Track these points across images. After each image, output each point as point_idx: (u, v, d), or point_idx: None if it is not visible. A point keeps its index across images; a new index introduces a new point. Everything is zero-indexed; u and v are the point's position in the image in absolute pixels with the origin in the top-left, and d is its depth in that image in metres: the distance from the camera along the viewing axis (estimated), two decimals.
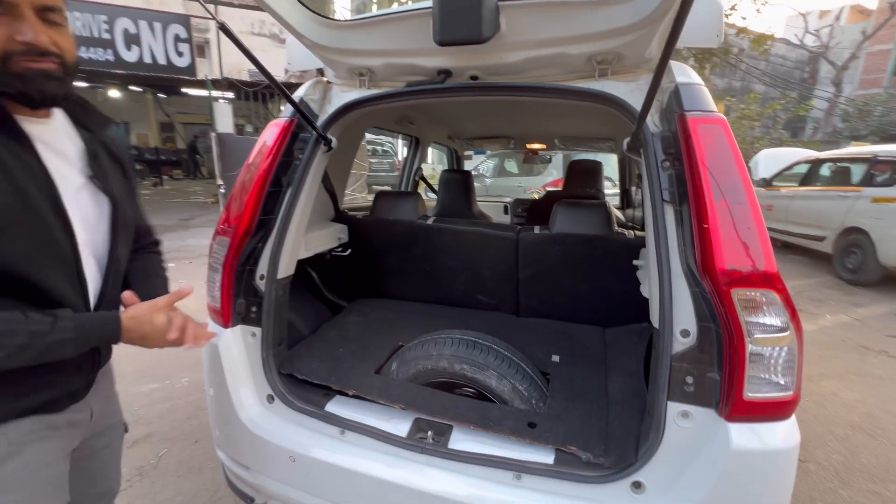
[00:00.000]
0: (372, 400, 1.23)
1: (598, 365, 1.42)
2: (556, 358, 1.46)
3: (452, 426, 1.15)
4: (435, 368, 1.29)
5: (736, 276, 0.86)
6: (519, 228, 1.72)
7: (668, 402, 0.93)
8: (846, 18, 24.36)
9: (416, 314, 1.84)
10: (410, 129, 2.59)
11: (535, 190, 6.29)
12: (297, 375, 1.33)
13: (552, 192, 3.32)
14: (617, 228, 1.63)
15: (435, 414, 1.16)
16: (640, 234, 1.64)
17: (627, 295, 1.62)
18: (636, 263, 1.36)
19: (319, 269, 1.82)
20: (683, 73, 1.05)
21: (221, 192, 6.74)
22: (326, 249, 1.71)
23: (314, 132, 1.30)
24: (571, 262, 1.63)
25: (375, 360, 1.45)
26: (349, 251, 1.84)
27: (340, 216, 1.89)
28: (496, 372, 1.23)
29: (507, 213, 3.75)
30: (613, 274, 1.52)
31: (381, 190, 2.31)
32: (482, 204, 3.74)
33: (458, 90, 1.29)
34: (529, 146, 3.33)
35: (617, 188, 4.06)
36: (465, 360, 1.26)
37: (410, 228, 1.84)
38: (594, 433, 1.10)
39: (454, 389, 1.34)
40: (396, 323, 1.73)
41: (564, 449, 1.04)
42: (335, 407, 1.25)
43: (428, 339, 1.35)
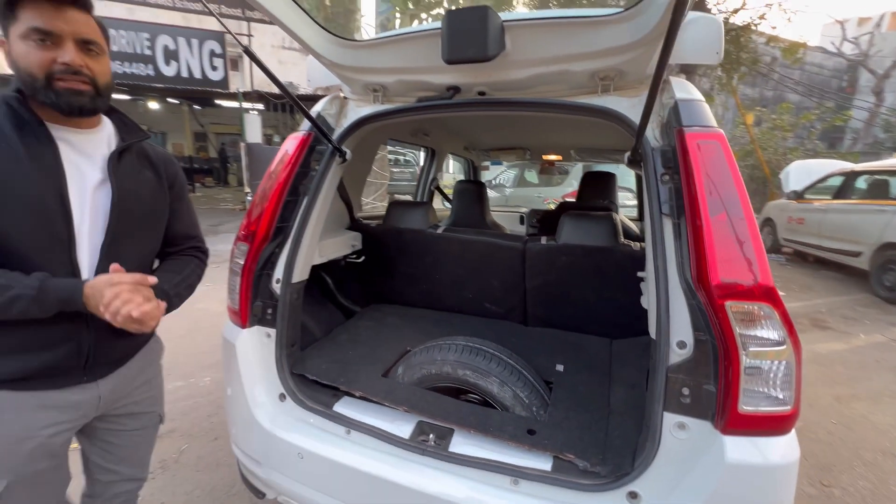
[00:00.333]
0: (377, 402, 1.27)
1: (602, 375, 1.42)
2: (560, 367, 1.47)
3: (454, 430, 1.18)
4: (439, 373, 1.32)
5: (730, 288, 0.86)
6: (526, 239, 1.75)
7: (664, 412, 0.93)
8: (887, 25, 23.34)
9: (425, 321, 1.88)
10: (426, 140, 2.67)
11: (551, 200, 6.27)
12: (307, 376, 1.38)
13: (565, 202, 3.32)
14: (623, 240, 1.64)
15: (437, 417, 1.20)
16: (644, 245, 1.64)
17: (634, 307, 1.61)
18: (640, 275, 1.37)
19: (334, 274, 1.90)
20: (683, 89, 1.07)
21: (248, 199, 6.99)
22: (340, 256, 1.78)
23: (330, 145, 1.38)
24: (578, 272, 1.64)
25: (383, 363, 1.50)
26: (363, 258, 1.91)
27: (355, 224, 1.97)
28: (498, 378, 1.25)
29: (522, 223, 3.77)
30: (620, 285, 1.53)
31: (393, 200, 2.38)
32: (500, 214, 3.77)
33: (466, 105, 1.34)
34: (545, 157, 3.35)
35: (635, 199, 4.02)
36: (467, 365, 1.29)
37: (421, 237, 1.89)
38: (593, 442, 1.11)
39: (459, 395, 1.37)
40: (406, 329, 1.77)
41: (562, 456, 1.06)
42: (343, 407, 1.30)
43: (433, 344, 1.38)
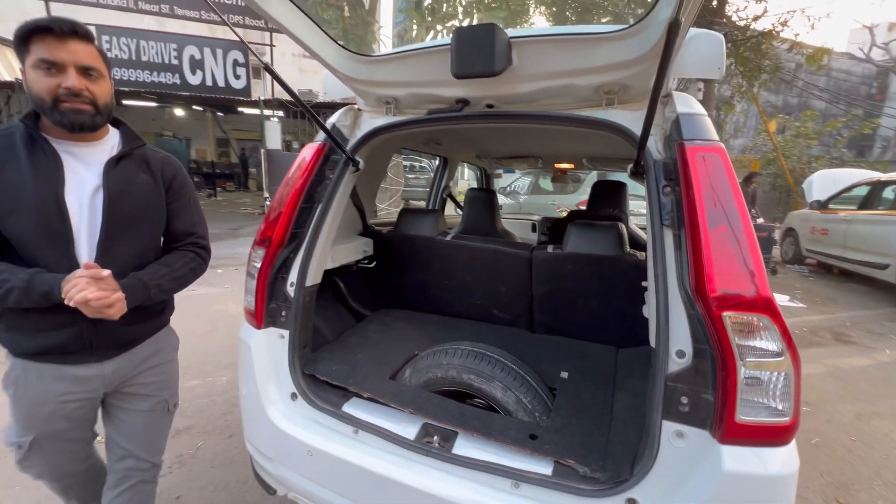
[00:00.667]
0: (385, 403, 1.31)
1: (606, 383, 1.43)
2: (564, 374, 1.49)
3: (458, 433, 1.21)
4: (444, 377, 1.36)
5: (728, 299, 0.88)
6: (533, 247, 1.77)
7: (662, 421, 0.95)
8: None
9: (433, 326, 1.92)
10: (438, 149, 2.72)
11: (564, 208, 6.25)
12: (318, 376, 1.44)
13: (575, 211, 3.32)
14: (630, 249, 1.65)
15: (442, 420, 1.23)
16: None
17: (640, 315, 1.62)
18: (644, 285, 1.38)
19: (346, 279, 1.95)
20: (685, 103, 1.09)
21: (267, 203, 7.17)
22: (352, 261, 1.84)
23: (344, 154, 1.44)
24: (584, 281, 1.66)
25: (391, 366, 1.54)
26: (374, 263, 1.96)
27: (367, 230, 2.02)
28: (502, 384, 1.28)
29: (534, 230, 3.78)
30: (626, 294, 1.54)
31: (405, 207, 2.43)
32: (513, 221, 3.79)
33: (474, 117, 1.39)
34: (557, 166, 3.37)
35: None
36: (472, 370, 1.32)
37: (431, 244, 1.94)
38: (594, 448, 1.12)
39: (465, 400, 1.40)
40: (414, 333, 1.81)
41: (562, 461, 1.08)
42: (351, 408, 1.34)
43: (439, 349, 1.42)
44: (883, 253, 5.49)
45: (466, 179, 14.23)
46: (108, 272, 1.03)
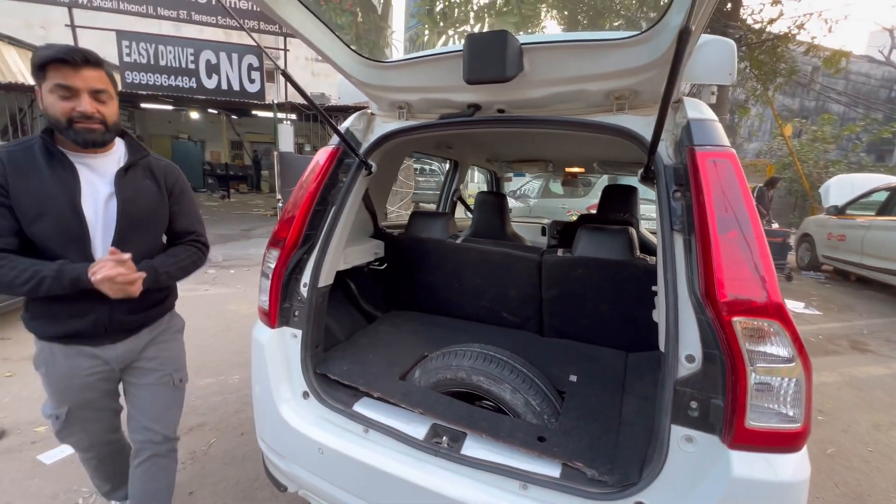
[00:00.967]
0: (395, 403, 1.33)
1: (615, 387, 1.44)
2: (573, 378, 1.49)
3: (467, 433, 1.22)
4: (454, 378, 1.37)
5: (738, 304, 0.88)
6: (543, 250, 1.78)
7: (671, 425, 0.95)
8: None
9: (443, 328, 1.93)
10: (449, 153, 2.74)
11: (574, 212, 6.22)
12: (329, 375, 1.46)
13: (585, 215, 3.31)
14: (640, 254, 1.65)
15: (451, 421, 1.24)
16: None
17: (649, 320, 1.62)
18: (654, 289, 1.38)
19: (357, 280, 1.98)
20: (696, 108, 1.09)
21: (280, 205, 7.27)
22: (364, 263, 1.86)
23: (357, 158, 1.47)
24: (594, 285, 1.66)
25: (401, 367, 1.56)
26: (385, 265, 1.99)
27: (378, 232, 2.05)
28: (510, 386, 1.29)
29: (544, 234, 3.78)
30: (636, 299, 1.54)
31: (416, 210, 2.45)
32: (523, 225, 3.79)
33: (486, 122, 1.40)
34: (568, 170, 3.37)
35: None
36: (481, 372, 1.33)
37: (441, 247, 1.95)
38: (602, 452, 1.13)
39: (475, 401, 1.41)
40: (424, 335, 1.83)
41: (570, 464, 1.08)
42: (361, 407, 1.36)
43: (449, 350, 1.44)
44: None
45: (476, 182, 14.24)
46: (128, 256, 1.17)
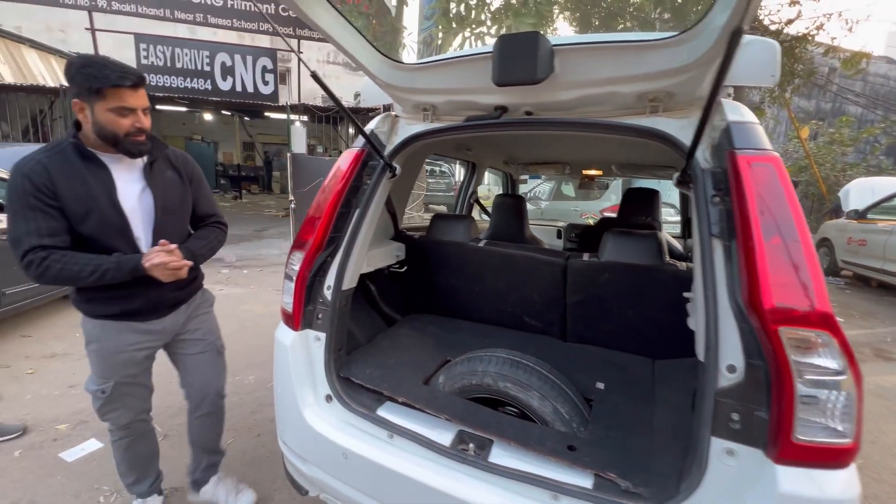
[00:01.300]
0: (419, 409, 1.31)
1: (643, 396, 1.40)
2: (600, 385, 1.46)
3: (493, 441, 1.20)
4: (480, 384, 1.35)
5: (784, 314, 0.85)
6: (568, 254, 1.76)
7: (711, 437, 0.92)
8: None
9: (464, 332, 1.91)
10: (468, 155, 2.72)
11: (590, 215, 6.15)
12: (353, 379, 1.45)
13: (607, 218, 3.27)
14: (669, 259, 1.61)
15: (477, 427, 1.22)
16: (691, 265, 1.61)
17: (679, 327, 1.58)
18: (686, 296, 1.35)
19: (378, 283, 1.97)
20: (736, 111, 1.06)
21: (292, 207, 7.31)
22: (386, 266, 1.85)
23: (382, 160, 1.46)
24: (620, 290, 1.63)
25: (424, 371, 1.54)
26: (405, 268, 1.98)
27: (399, 235, 2.04)
28: (538, 392, 1.27)
29: (560, 237, 3.74)
30: (665, 305, 1.51)
31: (437, 213, 2.44)
32: (537, 227, 3.76)
33: (512, 125, 1.38)
34: (585, 172, 3.33)
35: (679, 216, 3.89)
36: (508, 378, 1.31)
37: (463, 250, 1.94)
38: (635, 463, 1.10)
39: (497, 407, 1.39)
40: (445, 339, 1.81)
41: (603, 475, 1.06)
42: (385, 412, 1.35)
43: (474, 355, 1.42)
44: None
45: (487, 184, 14.21)
46: (175, 246, 1.37)
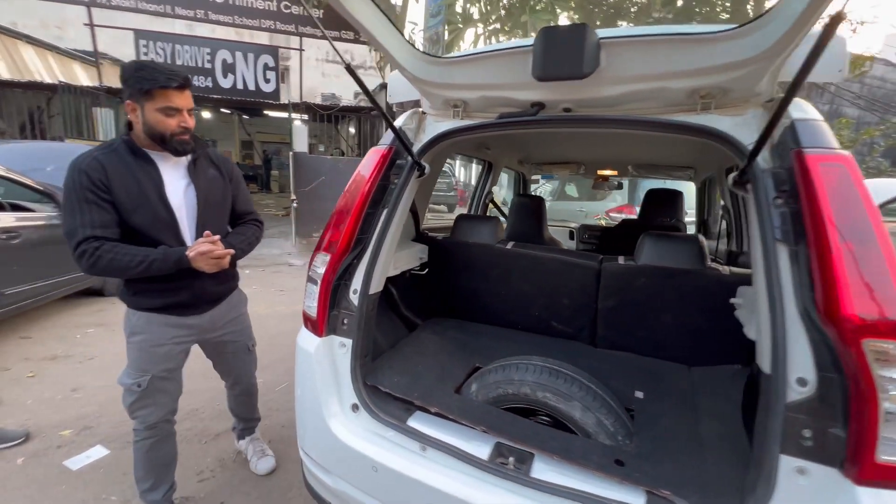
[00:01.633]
0: (453, 420, 1.25)
1: (686, 405, 1.35)
2: (639, 394, 1.40)
3: (534, 454, 1.14)
4: (516, 394, 1.29)
5: (866, 324, 0.79)
6: (601, 258, 1.70)
7: (780, 455, 0.87)
8: None
9: (488, 337, 1.85)
10: (486, 154, 2.66)
11: (602, 216, 6.10)
12: (380, 388, 1.38)
13: (627, 220, 3.22)
14: (711, 263, 1.56)
15: (517, 440, 1.16)
16: (736, 270, 1.56)
17: (717, 333, 1.53)
18: (734, 302, 1.29)
19: (398, 286, 1.91)
20: (800, 108, 1.01)
21: (294, 206, 7.23)
22: (410, 268, 1.79)
23: (411, 159, 1.39)
24: (657, 295, 1.57)
25: (453, 379, 1.48)
26: (426, 270, 1.92)
27: (420, 236, 1.98)
28: (581, 403, 1.21)
29: (572, 238, 3.69)
30: (703, 311, 1.45)
31: (461, 214, 2.37)
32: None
33: (549, 122, 1.33)
34: (600, 172, 3.28)
35: (695, 216, 3.85)
36: (548, 388, 1.25)
37: (489, 252, 1.88)
38: (689, 479, 1.04)
39: (528, 417, 1.33)
40: (471, 344, 1.75)
41: (657, 492, 1.00)
42: (416, 422, 1.28)
43: (508, 363, 1.35)
44: None
45: (498, 186, 14.15)
46: (218, 237, 1.46)
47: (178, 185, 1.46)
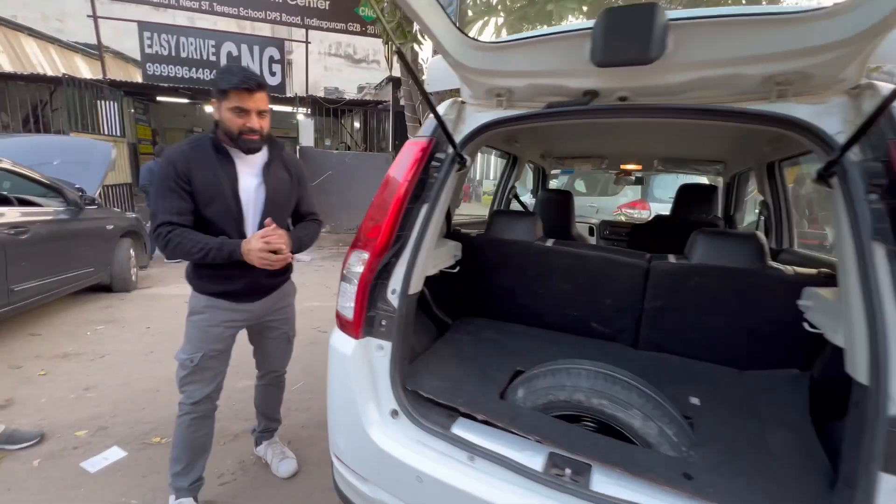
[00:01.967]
0: (502, 428, 1.18)
1: (745, 412, 1.27)
2: (695, 400, 1.33)
3: (591, 466, 1.07)
4: (568, 401, 1.22)
5: None
6: (650, 256, 1.62)
7: (881, 473, 0.79)
8: None
9: (524, 338, 1.78)
10: (514, 148, 2.57)
11: (620, 211, 6.00)
12: (421, 393, 1.31)
13: (661, 216, 3.13)
14: (771, 262, 1.48)
15: (573, 450, 1.09)
16: (800, 270, 1.48)
17: (772, 336, 1.45)
18: (802, 305, 1.22)
19: (430, 285, 1.84)
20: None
21: None
22: (446, 266, 1.72)
23: (453, 151, 1.31)
24: (711, 296, 1.49)
25: (496, 384, 1.41)
26: (457, 268, 1.84)
27: (451, 233, 1.90)
28: (640, 412, 1.13)
29: (592, 234, 3.61)
30: (761, 312, 1.38)
31: (497, 209, 2.29)
32: None
33: (604, 111, 1.24)
34: (623, 166, 3.19)
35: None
36: (605, 395, 1.17)
37: (528, 250, 1.80)
38: (767, 494, 0.97)
39: (571, 422, 1.26)
40: (507, 345, 1.68)
41: None
42: (461, 430, 1.21)
43: (557, 368, 1.28)
44: None
45: (492, 179, 14.04)
46: (274, 225, 1.52)
47: (250, 182, 1.55)
